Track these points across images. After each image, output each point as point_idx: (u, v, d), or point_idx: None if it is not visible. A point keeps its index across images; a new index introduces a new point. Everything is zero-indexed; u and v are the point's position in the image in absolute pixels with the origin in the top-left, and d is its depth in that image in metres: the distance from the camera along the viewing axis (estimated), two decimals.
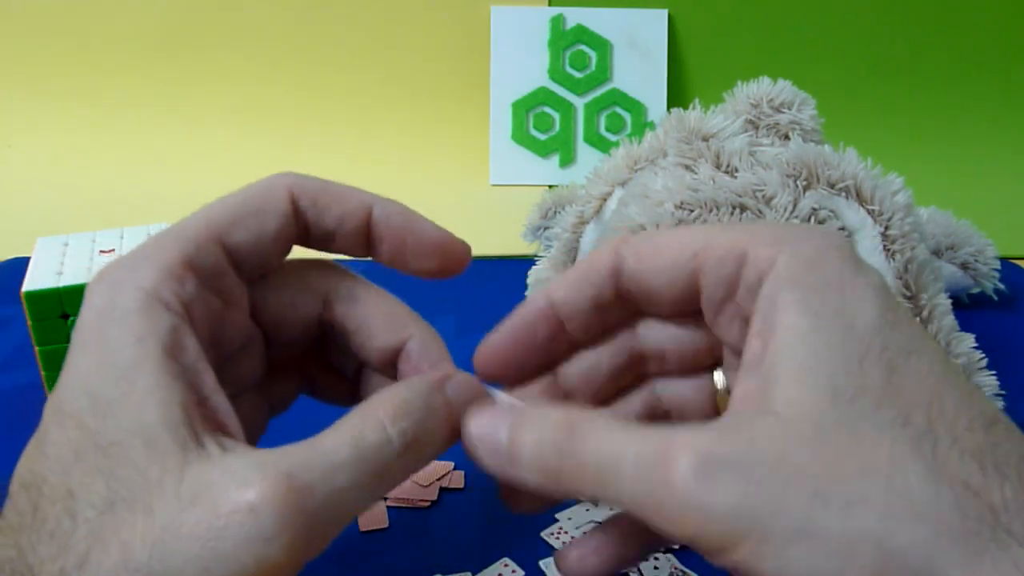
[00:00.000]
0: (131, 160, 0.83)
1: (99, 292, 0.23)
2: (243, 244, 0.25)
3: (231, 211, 0.25)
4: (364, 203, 0.27)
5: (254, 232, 0.25)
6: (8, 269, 0.61)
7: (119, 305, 0.23)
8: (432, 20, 0.84)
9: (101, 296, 0.23)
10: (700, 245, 0.24)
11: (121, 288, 0.23)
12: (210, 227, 0.24)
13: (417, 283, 0.65)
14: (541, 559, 0.33)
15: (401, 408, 0.23)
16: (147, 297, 0.23)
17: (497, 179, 0.83)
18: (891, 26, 0.86)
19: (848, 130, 0.54)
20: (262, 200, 0.26)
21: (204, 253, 0.24)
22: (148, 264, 0.23)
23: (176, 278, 0.23)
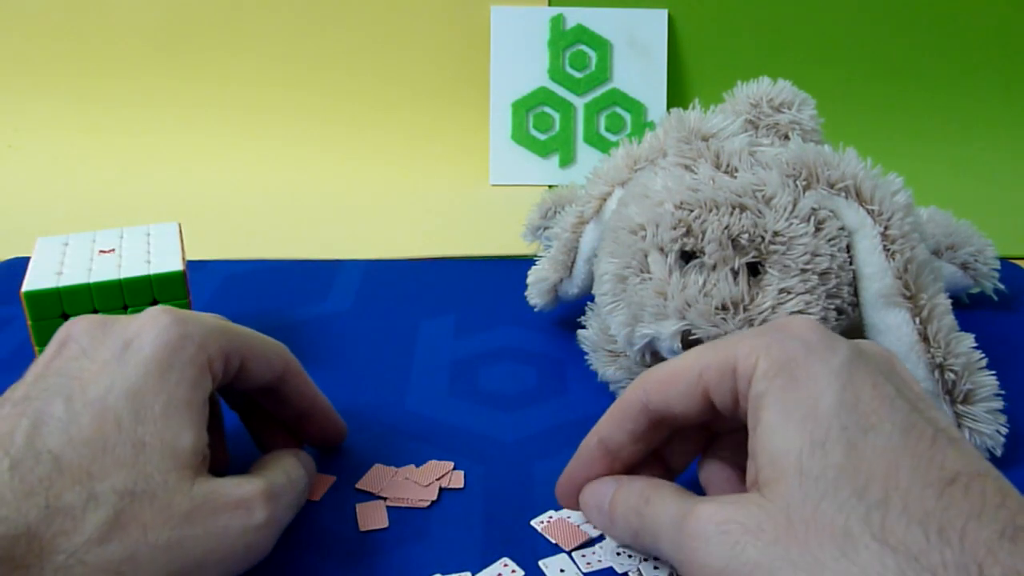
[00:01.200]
0: (131, 160, 0.83)
1: (169, 328, 0.30)
2: (249, 371, 0.33)
3: (255, 347, 0.34)
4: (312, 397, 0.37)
5: (259, 370, 0.34)
6: (8, 269, 0.61)
7: (185, 355, 0.30)
8: (432, 20, 0.84)
9: (171, 332, 0.30)
10: (703, 365, 0.30)
11: (189, 344, 0.30)
12: (243, 346, 0.33)
13: (417, 284, 0.65)
14: (541, 559, 0.33)
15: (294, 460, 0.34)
16: (206, 363, 0.31)
17: (497, 179, 0.83)
18: (891, 26, 0.86)
19: (848, 130, 0.55)
20: (272, 356, 0.34)
21: (234, 358, 0.32)
22: (213, 342, 0.31)
23: (220, 360, 0.32)
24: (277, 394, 0.36)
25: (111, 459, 0.27)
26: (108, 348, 0.30)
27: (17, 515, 0.24)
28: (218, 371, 0.31)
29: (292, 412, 0.36)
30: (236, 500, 0.29)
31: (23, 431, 0.27)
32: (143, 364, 0.29)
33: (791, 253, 0.38)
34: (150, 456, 0.27)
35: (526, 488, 0.37)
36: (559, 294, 0.50)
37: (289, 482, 0.32)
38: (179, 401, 0.29)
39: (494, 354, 0.49)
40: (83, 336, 0.30)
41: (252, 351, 0.33)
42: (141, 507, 0.26)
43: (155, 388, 0.29)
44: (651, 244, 0.40)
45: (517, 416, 0.43)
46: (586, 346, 0.47)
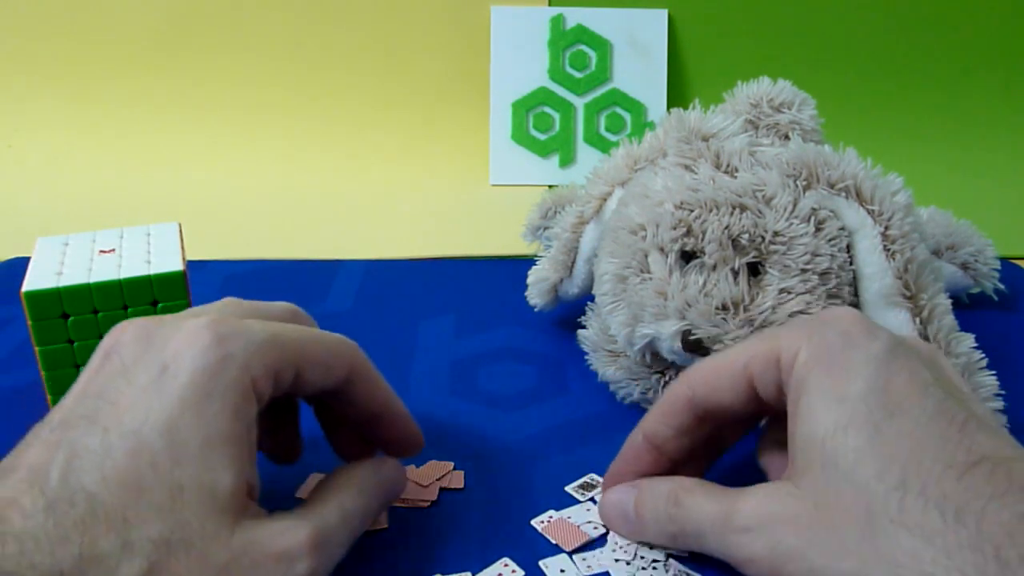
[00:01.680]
0: (131, 160, 0.83)
1: (208, 349, 0.27)
2: (306, 381, 0.30)
3: (313, 353, 0.30)
4: (385, 399, 0.34)
5: (318, 378, 0.31)
6: (8, 269, 0.61)
7: (226, 379, 0.27)
8: (432, 20, 0.84)
9: (209, 355, 0.27)
10: (748, 357, 0.30)
11: (233, 363, 0.27)
12: (296, 355, 0.30)
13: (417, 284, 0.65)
14: (541, 559, 0.33)
15: (359, 486, 0.31)
16: (249, 384, 0.28)
17: (497, 179, 0.83)
18: (891, 26, 0.86)
19: (848, 130, 0.55)
20: (332, 359, 0.31)
21: (286, 371, 0.29)
22: (258, 360, 0.28)
23: (268, 378, 0.29)
24: (344, 397, 0.33)
25: (146, 503, 0.25)
26: (146, 370, 0.27)
27: (51, 561, 0.23)
28: (265, 389, 0.29)
29: (361, 416, 0.34)
30: (278, 552, 0.26)
31: (58, 465, 0.25)
32: (179, 392, 0.27)
33: (791, 253, 0.38)
34: (188, 501, 0.25)
35: (526, 488, 0.37)
36: (559, 294, 0.50)
37: (343, 520, 0.29)
38: (218, 437, 0.27)
39: (494, 354, 0.49)
40: (126, 349, 0.28)
41: (308, 359, 0.30)
42: (177, 558, 0.25)
43: (191, 422, 0.26)
44: (651, 244, 0.40)
45: (517, 416, 0.43)
46: (586, 346, 0.47)
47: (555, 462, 0.39)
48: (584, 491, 0.37)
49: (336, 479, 0.31)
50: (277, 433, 0.36)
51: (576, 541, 0.33)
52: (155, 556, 0.24)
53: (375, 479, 0.32)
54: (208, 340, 0.28)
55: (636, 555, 0.32)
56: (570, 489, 0.37)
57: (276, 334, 0.29)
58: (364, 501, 0.31)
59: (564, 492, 0.37)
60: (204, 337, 0.28)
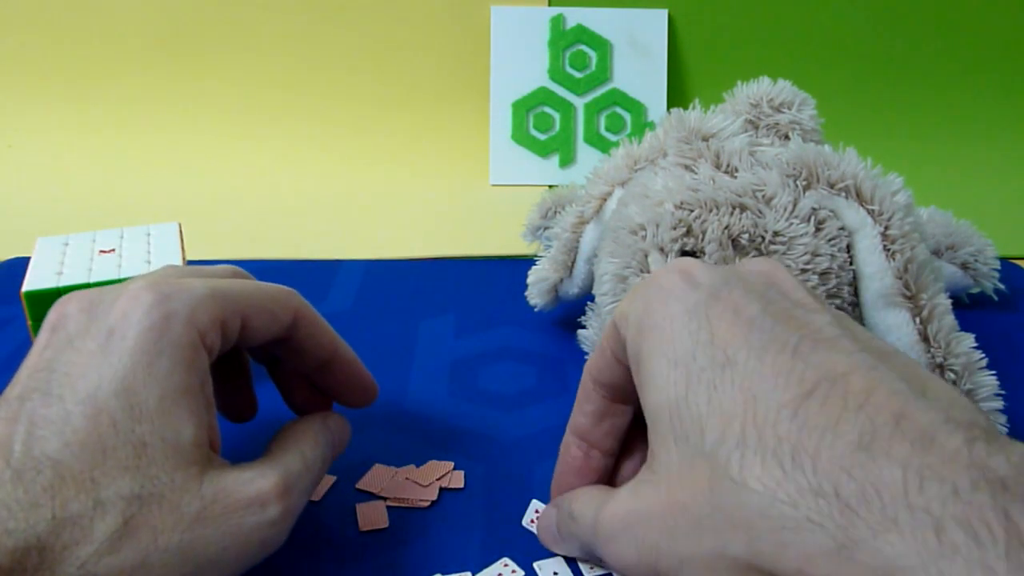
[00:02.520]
0: (131, 160, 0.83)
1: (150, 309, 0.28)
2: (251, 329, 0.31)
3: (254, 300, 0.31)
4: (332, 344, 0.34)
5: (263, 326, 0.31)
6: (8, 269, 0.61)
7: (173, 335, 0.28)
8: (432, 20, 0.84)
9: (153, 315, 0.28)
10: (607, 331, 0.29)
11: (175, 322, 0.28)
12: (240, 305, 0.30)
13: (417, 284, 0.65)
14: (540, 559, 0.33)
15: (315, 437, 0.32)
16: (197, 338, 0.28)
17: (497, 179, 0.83)
18: (891, 26, 0.86)
19: (848, 130, 0.55)
20: (276, 305, 0.32)
21: (231, 321, 0.30)
22: (202, 313, 0.29)
23: (214, 330, 0.29)
24: (292, 345, 0.33)
25: (112, 463, 0.25)
26: (93, 338, 0.28)
27: (26, 527, 0.24)
28: (213, 342, 0.29)
29: (311, 364, 0.34)
30: (249, 497, 0.27)
31: (20, 437, 0.26)
32: (128, 354, 0.27)
33: (791, 253, 0.38)
34: (153, 456, 0.26)
35: (526, 488, 0.37)
36: (559, 294, 0.50)
37: (306, 467, 0.30)
38: (174, 391, 0.27)
39: (494, 354, 0.49)
40: (71, 320, 0.28)
41: (252, 307, 0.31)
42: (150, 511, 0.25)
43: (145, 380, 0.27)
44: (651, 244, 0.40)
45: (517, 416, 0.43)
46: (586, 346, 0.47)
47: (555, 462, 0.39)
48: None
49: (293, 430, 0.32)
50: (231, 391, 0.36)
51: None
52: (128, 511, 0.25)
53: (326, 430, 0.33)
54: (150, 300, 0.28)
55: None
56: None
57: (217, 287, 0.30)
58: (320, 451, 0.32)
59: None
60: (146, 298, 0.28)
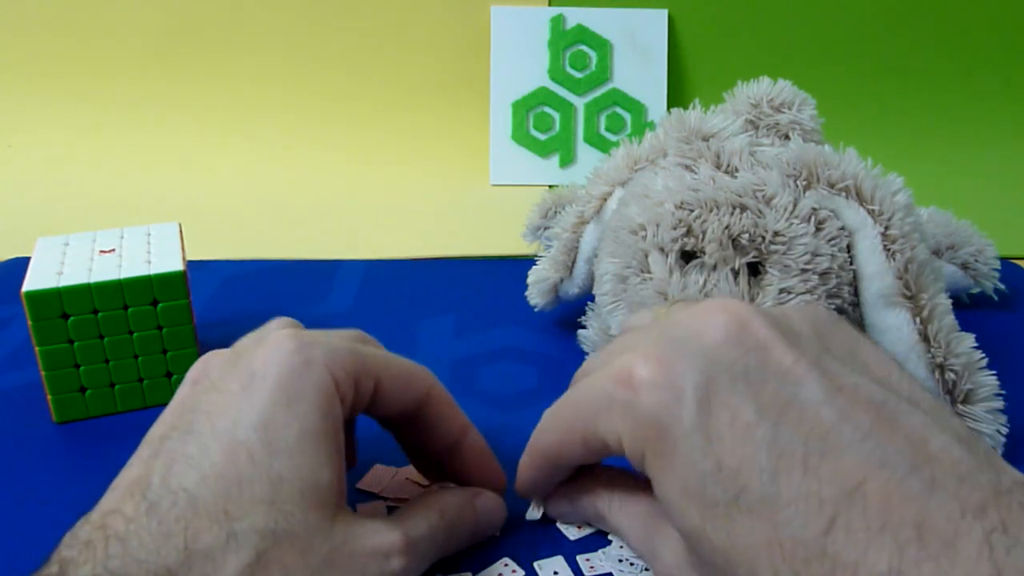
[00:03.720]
0: (131, 160, 0.83)
1: (292, 354, 0.28)
2: (385, 395, 0.31)
3: (391, 371, 0.31)
4: (462, 427, 0.34)
5: (395, 395, 0.31)
6: (8, 269, 0.61)
7: (312, 379, 0.28)
8: (432, 20, 0.84)
9: (295, 359, 0.28)
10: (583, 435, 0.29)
11: (317, 367, 0.28)
12: (375, 368, 0.30)
13: (417, 284, 0.65)
14: (540, 559, 0.33)
15: (440, 509, 0.31)
16: (334, 387, 0.28)
17: (497, 179, 0.83)
18: (891, 26, 0.86)
19: (848, 130, 0.55)
20: (410, 379, 0.32)
21: (365, 381, 0.30)
22: (341, 362, 0.29)
23: (349, 383, 0.29)
24: (421, 422, 0.33)
25: (248, 496, 0.25)
26: (236, 380, 0.28)
27: (156, 558, 0.24)
28: (347, 394, 0.29)
29: (438, 444, 0.34)
30: (376, 546, 0.27)
31: (159, 472, 0.26)
32: (268, 393, 0.27)
33: (791, 253, 0.38)
34: (289, 492, 0.26)
35: None
36: (559, 294, 0.50)
37: (430, 534, 0.30)
38: (311, 433, 0.27)
39: (494, 354, 0.49)
40: (215, 370, 0.29)
41: (386, 372, 0.31)
42: (282, 548, 0.25)
43: (284, 419, 0.27)
44: (651, 244, 0.40)
45: (517, 416, 0.43)
46: (586, 346, 0.47)
47: None
48: None
49: (423, 501, 0.32)
50: None
51: None
52: (262, 546, 0.25)
53: (459, 504, 0.32)
54: (293, 346, 0.28)
55: (639, 562, 0.32)
56: None
57: (356, 346, 0.31)
58: (446, 522, 0.31)
59: None
60: (288, 344, 0.29)
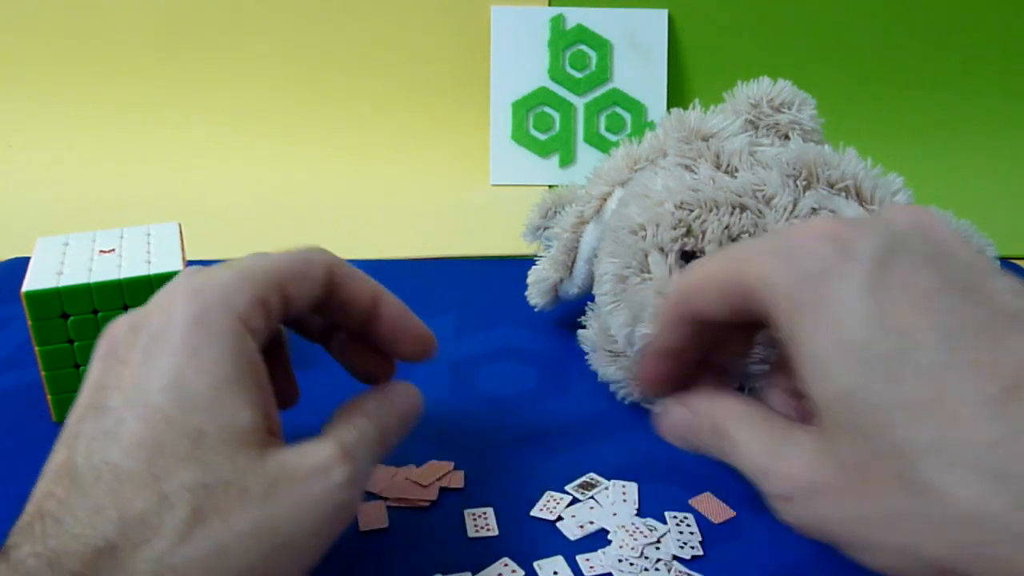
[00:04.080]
0: (131, 160, 0.83)
1: (186, 306, 0.27)
2: (292, 297, 0.30)
3: (287, 270, 0.30)
4: (374, 291, 0.33)
5: (301, 292, 0.30)
6: (8, 269, 0.61)
7: (213, 326, 0.27)
8: (432, 20, 0.84)
9: (189, 312, 0.27)
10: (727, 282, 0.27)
11: (213, 312, 0.27)
12: (274, 279, 0.29)
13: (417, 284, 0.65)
14: (540, 559, 0.33)
15: (367, 409, 0.31)
16: (239, 323, 0.28)
17: (497, 179, 0.83)
18: (891, 26, 0.86)
19: (848, 130, 0.55)
20: (308, 266, 0.31)
21: (271, 298, 0.29)
22: (238, 297, 0.28)
23: (255, 311, 0.28)
24: (334, 304, 0.32)
25: (171, 457, 0.25)
26: (138, 348, 0.27)
27: (93, 531, 0.23)
28: (257, 323, 0.28)
29: (357, 318, 0.33)
30: (313, 466, 0.27)
31: (81, 453, 0.25)
32: (172, 354, 0.27)
33: None
34: (211, 444, 0.25)
35: (526, 488, 0.37)
36: (559, 294, 0.50)
37: (361, 436, 0.29)
38: (224, 380, 0.26)
39: (494, 354, 0.49)
40: (120, 342, 0.28)
41: (284, 275, 0.30)
42: (217, 497, 0.25)
43: (193, 374, 0.26)
44: (651, 244, 0.40)
45: (517, 416, 0.43)
46: (586, 346, 0.47)
47: (555, 462, 0.39)
48: (584, 491, 0.37)
49: (347, 406, 0.31)
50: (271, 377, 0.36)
51: (723, 515, 0.35)
52: (195, 501, 0.24)
53: (385, 401, 0.32)
54: (183, 298, 0.28)
55: (642, 554, 0.32)
56: (570, 489, 0.37)
57: (245, 268, 0.29)
58: (375, 422, 0.31)
59: (564, 491, 0.37)
60: (178, 298, 0.28)
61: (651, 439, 0.41)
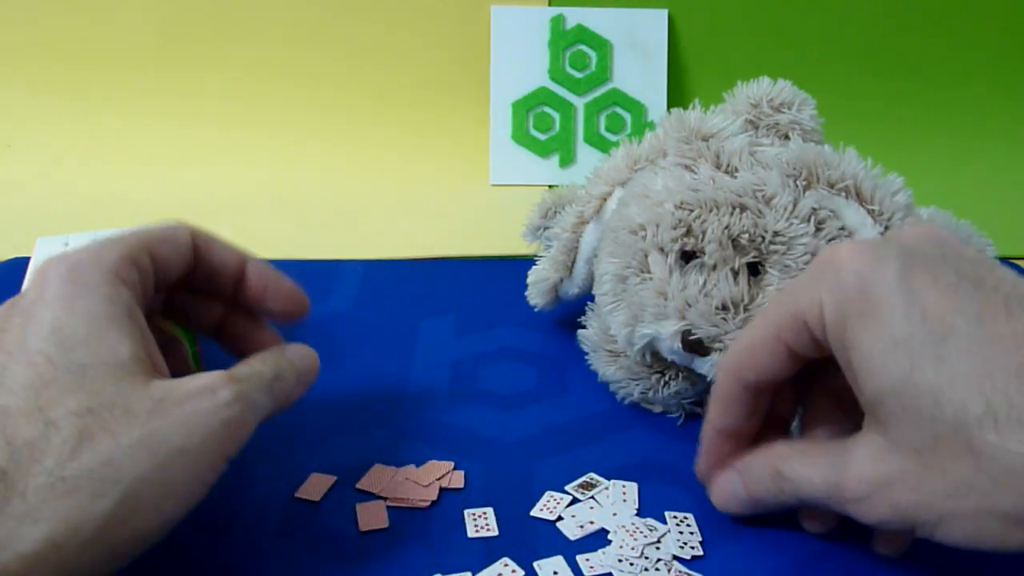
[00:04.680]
0: (131, 160, 0.83)
1: (58, 267, 0.29)
2: (161, 258, 0.32)
3: (153, 235, 0.32)
4: (240, 255, 0.35)
5: (170, 252, 0.33)
6: (8, 269, 0.61)
7: (85, 278, 0.29)
8: (432, 20, 0.84)
9: (61, 270, 0.29)
10: (776, 327, 0.31)
11: (85, 267, 0.29)
12: (142, 241, 0.32)
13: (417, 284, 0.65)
14: (540, 559, 0.33)
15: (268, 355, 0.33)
16: (111, 274, 0.29)
17: (497, 179, 0.83)
18: (891, 25, 0.86)
19: (848, 130, 0.54)
20: (173, 233, 0.33)
21: (141, 256, 0.31)
22: (107, 254, 0.30)
23: (127, 266, 0.30)
24: (203, 271, 0.35)
25: (56, 391, 0.26)
26: (17, 315, 0.29)
27: None
28: (130, 275, 0.30)
29: (227, 281, 0.35)
30: (197, 387, 0.29)
31: None
32: (48, 308, 0.28)
33: (791, 253, 0.38)
34: (95, 375, 0.27)
35: (526, 488, 0.37)
36: (559, 294, 0.50)
37: (252, 371, 0.31)
38: (100, 319, 0.28)
39: (494, 354, 0.49)
40: None
41: (152, 239, 0.32)
42: (103, 418, 0.26)
43: (70, 319, 0.28)
44: (651, 244, 0.40)
45: (517, 416, 0.43)
46: (586, 346, 0.47)
47: (555, 462, 0.39)
48: (584, 490, 0.37)
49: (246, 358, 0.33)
50: None
51: None
52: (81, 424, 0.26)
53: (275, 352, 0.34)
54: (54, 264, 0.30)
55: (642, 554, 0.32)
56: (570, 489, 0.37)
57: (112, 236, 0.32)
58: (268, 366, 0.32)
59: (564, 491, 0.37)
60: (50, 266, 0.30)
61: (651, 439, 0.41)
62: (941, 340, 0.26)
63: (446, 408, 0.44)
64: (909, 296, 0.27)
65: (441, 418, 0.43)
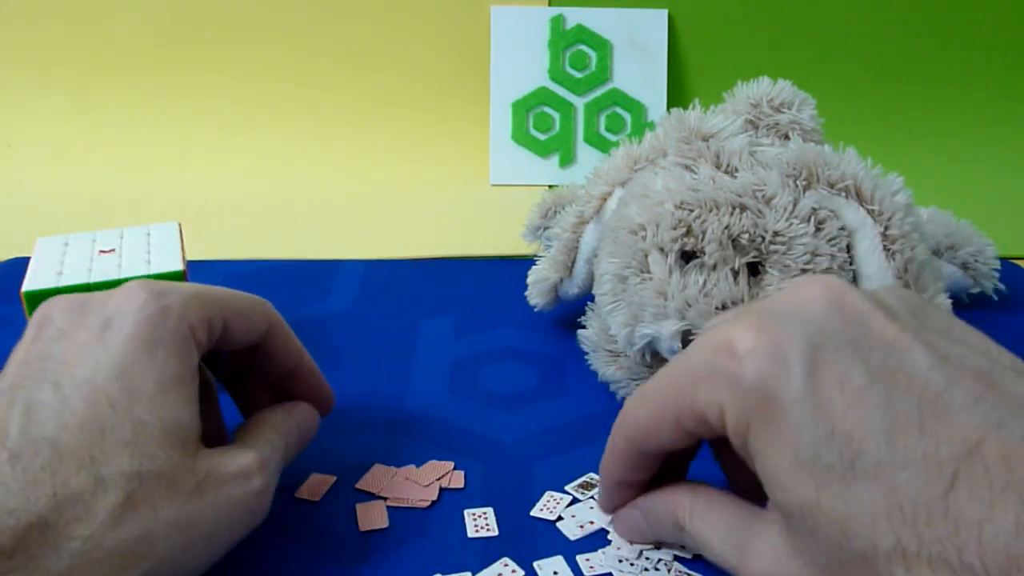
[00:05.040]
0: (131, 160, 0.83)
1: (148, 301, 0.30)
2: (233, 332, 0.33)
3: (236, 305, 0.33)
4: (298, 352, 0.36)
5: (242, 330, 0.33)
6: (8, 269, 0.61)
7: (166, 327, 0.29)
8: (432, 20, 0.84)
9: (151, 306, 0.30)
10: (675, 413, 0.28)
11: (173, 315, 0.30)
12: (224, 307, 0.32)
13: (417, 284, 0.65)
14: (540, 559, 0.33)
15: (278, 425, 0.34)
16: (189, 332, 0.30)
17: (497, 179, 0.83)
18: (891, 26, 0.86)
19: (848, 130, 0.55)
20: (252, 311, 0.34)
21: (215, 321, 0.32)
22: (193, 308, 0.31)
23: (203, 327, 0.31)
24: (263, 352, 0.35)
25: (111, 441, 0.26)
26: (87, 329, 0.29)
27: (26, 505, 0.24)
28: (202, 338, 0.31)
29: (278, 371, 0.36)
30: (236, 471, 0.29)
31: (16, 422, 0.26)
32: (125, 342, 0.28)
33: (791, 253, 0.38)
34: (151, 435, 0.27)
35: (526, 488, 0.37)
36: (559, 294, 0.50)
37: (273, 450, 0.32)
38: (170, 378, 0.29)
39: (494, 354, 0.49)
40: (61, 317, 0.30)
41: (233, 310, 0.33)
42: (150, 487, 0.26)
43: (143, 366, 0.28)
44: (651, 244, 0.40)
45: (517, 416, 0.43)
46: (586, 346, 0.47)
47: (555, 462, 0.39)
48: (584, 490, 0.37)
49: (258, 420, 0.34)
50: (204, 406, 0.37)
51: None
52: (129, 487, 0.26)
53: (290, 418, 0.35)
54: (146, 295, 0.30)
55: (641, 554, 0.32)
56: (570, 488, 0.37)
57: (203, 289, 0.32)
58: (284, 438, 0.34)
59: (564, 491, 0.37)
60: (141, 293, 0.30)
61: None
62: (849, 465, 0.24)
63: (446, 408, 0.44)
64: (815, 408, 0.24)
65: (441, 418, 0.43)
